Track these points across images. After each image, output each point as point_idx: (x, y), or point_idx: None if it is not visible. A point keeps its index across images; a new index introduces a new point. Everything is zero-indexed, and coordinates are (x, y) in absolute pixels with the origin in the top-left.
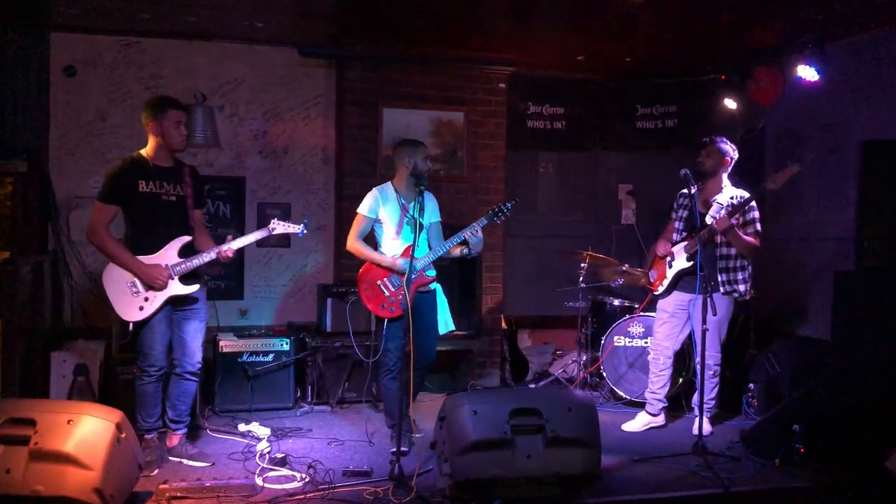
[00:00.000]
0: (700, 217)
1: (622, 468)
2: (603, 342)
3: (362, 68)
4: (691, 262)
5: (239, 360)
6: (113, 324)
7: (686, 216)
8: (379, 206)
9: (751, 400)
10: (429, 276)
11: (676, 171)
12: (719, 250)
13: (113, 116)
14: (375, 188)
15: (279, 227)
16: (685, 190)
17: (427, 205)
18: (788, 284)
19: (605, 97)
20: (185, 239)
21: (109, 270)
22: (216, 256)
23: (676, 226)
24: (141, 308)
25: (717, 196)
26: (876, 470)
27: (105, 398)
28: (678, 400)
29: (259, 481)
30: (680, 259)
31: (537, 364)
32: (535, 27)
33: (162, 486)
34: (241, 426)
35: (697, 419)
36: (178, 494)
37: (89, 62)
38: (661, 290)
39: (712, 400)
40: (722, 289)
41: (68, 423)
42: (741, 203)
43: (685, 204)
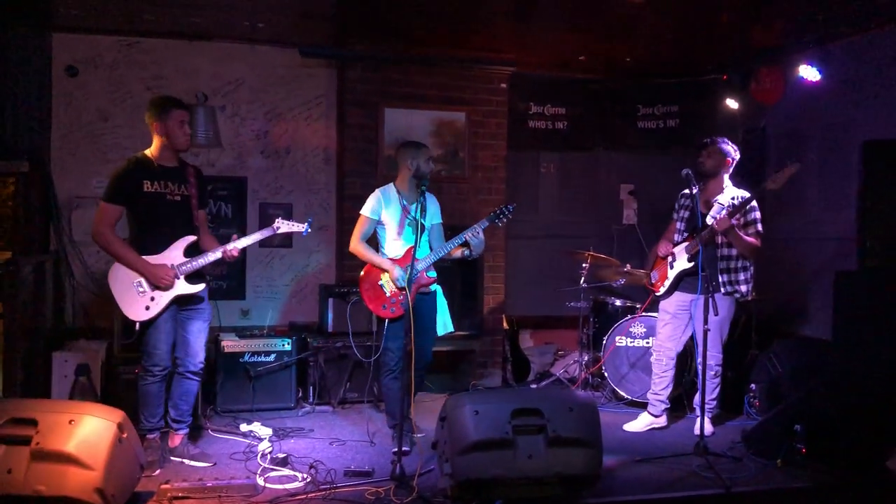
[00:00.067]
0: (701, 217)
1: (624, 468)
2: (605, 342)
3: (363, 68)
4: (692, 263)
5: (241, 360)
6: (115, 324)
7: (687, 217)
8: (381, 208)
9: (752, 400)
10: (430, 277)
11: (678, 171)
12: (720, 251)
13: (114, 117)
14: (378, 189)
15: (284, 226)
16: (686, 190)
17: (429, 206)
18: (790, 284)
19: (606, 97)
20: (191, 238)
21: (115, 270)
22: (222, 255)
23: (678, 226)
24: (147, 308)
25: (719, 196)
26: (878, 470)
27: (107, 398)
28: (680, 400)
29: (260, 481)
30: (681, 259)
31: (539, 364)
32: (535, 27)
33: (164, 486)
34: (243, 426)
35: (699, 419)
36: (180, 494)
37: (91, 62)
38: (662, 290)
39: (714, 400)
40: (723, 289)
41: (70, 423)
42: (742, 203)
43: (686, 204)
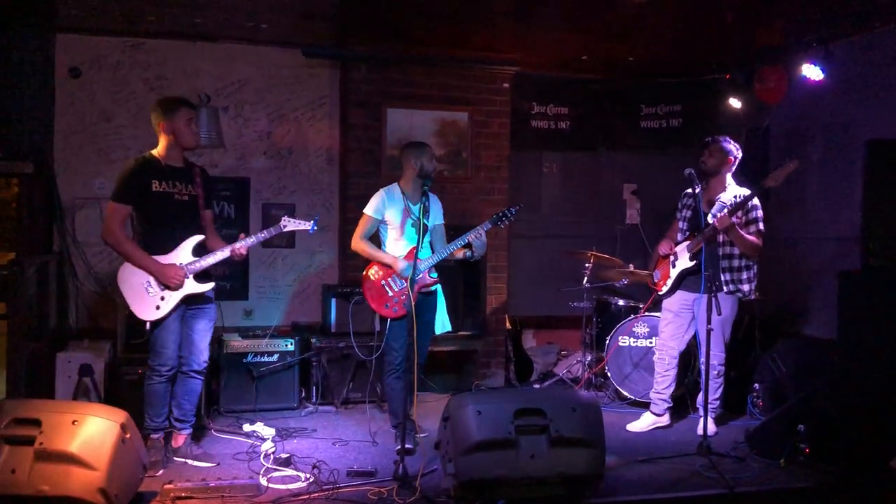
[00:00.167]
0: (704, 216)
1: (626, 468)
2: (608, 342)
3: (366, 69)
4: (694, 262)
5: (244, 360)
6: (118, 324)
7: (689, 216)
8: (385, 207)
9: (756, 400)
10: (432, 278)
11: (681, 170)
12: (722, 249)
13: (118, 117)
14: (382, 189)
15: (290, 225)
16: (689, 189)
17: (431, 207)
18: (793, 284)
19: (608, 97)
20: (199, 238)
21: (124, 270)
22: (230, 254)
23: (680, 225)
24: (157, 307)
25: (721, 195)
26: (881, 470)
27: (110, 398)
28: (683, 400)
29: (263, 481)
30: (683, 259)
31: (542, 364)
32: (537, 27)
33: (167, 487)
34: (246, 426)
35: (702, 419)
36: (183, 494)
37: (94, 63)
38: (664, 289)
39: (717, 400)
40: (726, 288)
41: (73, 423)
42: (742, 201)
43: (689, 203)
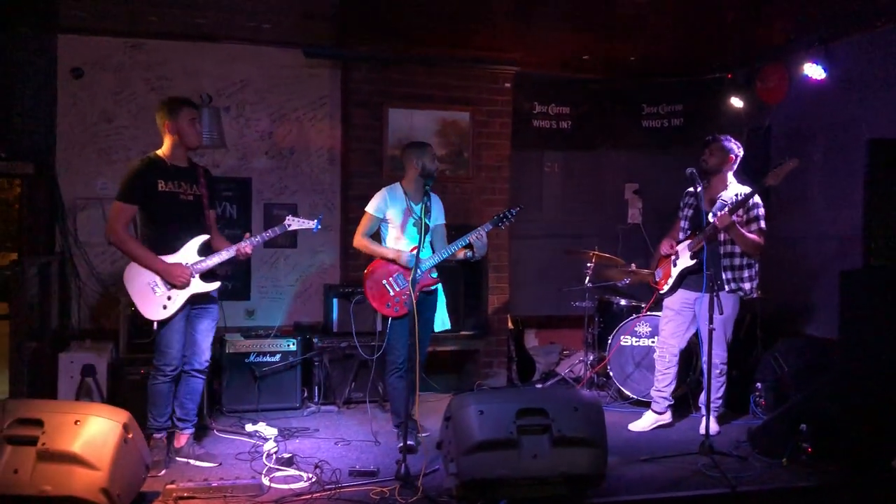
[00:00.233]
0: (706, 215)
1: (629, 468)
2: (609, 342)
3: (367, 69)
4: (695, 261)
5: (246, 360)
6: (121, 324)
7: (691, 215)
8: (387, 206)
9: (758, 399)
10: (433, 278)
11: (682, 169)
12: (723, 248)
13: (119, 118)
14: (385, 188)
15: (294, 224)
16: (691, 188)
17: (433, 207)
18: (795, 283)
19: (610, 96)
20: (204, 237)
21: (130, 270)
22: (235, 254)
23: (682, 224)
24: (164, 307)
25: (723, 193)
26: (883, 469)
27: (112, 399)
28: (685, 399)
29: (266, 481)
30: (684, 258)
31: (544, 364)
32: (538, 27)
33: (169, 487)
34: (248, 426)
35: (704, 418)
36: (185, 494)
37: (96, 64)
38: (666, 288)
39: (719, 399)
40: (727, 287)
41: (76, 423)
42: (742, 199)
43: (691, 203)
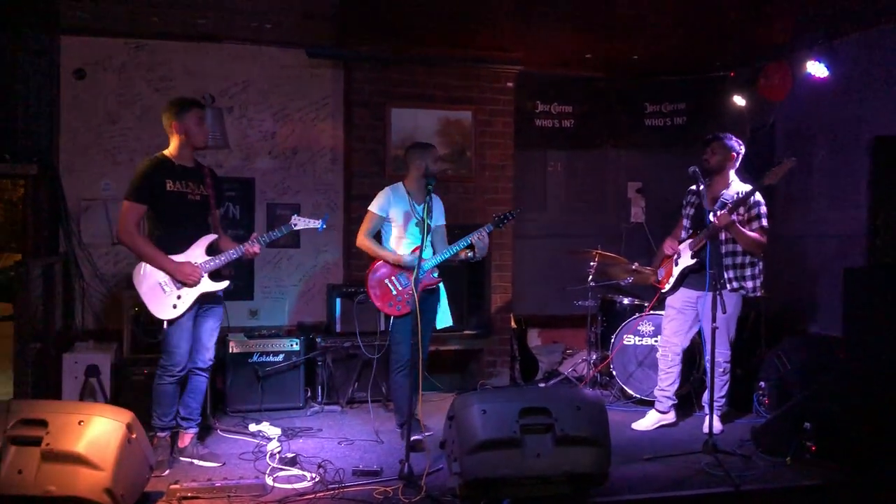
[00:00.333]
0: (708, 214)
1: (632, 467)
2: (612, 341)
3: (369, 69)
4: (695, 260)
5: (249, 360)
6: (125, 325)
7: (693, 213)
8: (390, 205)
9: (761, 398)
10: (434, 278)
11: (686, 168)
12: (725, 247)
13: (123, 119)
14: (388, 187)
15: (300, 223)
16: (693, 187)
17: (434, 207)
18: (799, 281)
19: (613, 95)
20: (212, 237)
21: (140, 270)
22: (243, 253)
23: (685, 223)
24: (174, 306)
25: (725, 192)
26: (887, 467)
27: (116, 399)
28: (689, 398)
29: (269, 481)
30: (685, 257)
31: (547, 363)
32: (540, 26)
33: (173, 487)
34: (252, 426)
35: (708, 417)
36: (189, 494)
37: (99, 65)
38: (668, 287)
39: (722, 398)
40: (730, 286)
41: (79, 423)
42: (742, 198)
43: (693, 201)
